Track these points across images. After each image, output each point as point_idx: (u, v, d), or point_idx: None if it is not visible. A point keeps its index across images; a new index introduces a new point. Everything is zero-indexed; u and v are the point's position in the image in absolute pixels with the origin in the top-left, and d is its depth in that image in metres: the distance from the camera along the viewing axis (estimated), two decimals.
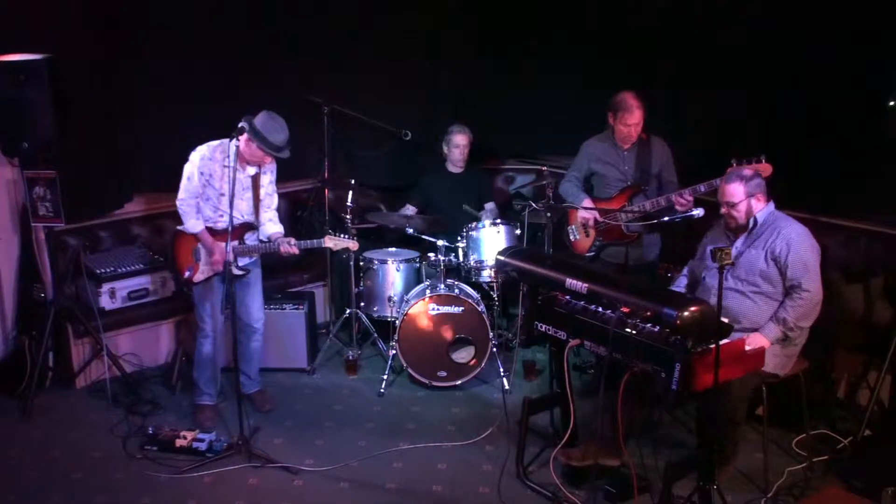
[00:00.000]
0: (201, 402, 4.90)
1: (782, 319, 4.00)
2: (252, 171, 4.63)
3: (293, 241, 4.60)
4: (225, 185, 4.52)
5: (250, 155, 4.50)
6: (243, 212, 4.66)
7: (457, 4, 6.46)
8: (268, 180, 4.72)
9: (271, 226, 4.76)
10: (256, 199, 4.68)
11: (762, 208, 4.11)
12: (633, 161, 5.00)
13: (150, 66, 5.43)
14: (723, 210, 4.17)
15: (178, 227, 4.71)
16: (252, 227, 4.70)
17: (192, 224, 4.63)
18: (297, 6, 5.88)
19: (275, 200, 4.80)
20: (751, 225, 4.13)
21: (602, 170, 5.07)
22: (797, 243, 4.01)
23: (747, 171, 4.12)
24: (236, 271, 4.63)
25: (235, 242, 4.62)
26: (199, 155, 4.57)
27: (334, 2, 6.05)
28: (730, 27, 5.41)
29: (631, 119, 4.88)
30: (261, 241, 4.72)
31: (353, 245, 4.74)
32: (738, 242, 4.17)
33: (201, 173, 4.56)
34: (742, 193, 4.08)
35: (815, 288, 4.02)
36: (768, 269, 4.06)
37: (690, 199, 4.62)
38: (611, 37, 6.03)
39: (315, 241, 4.65)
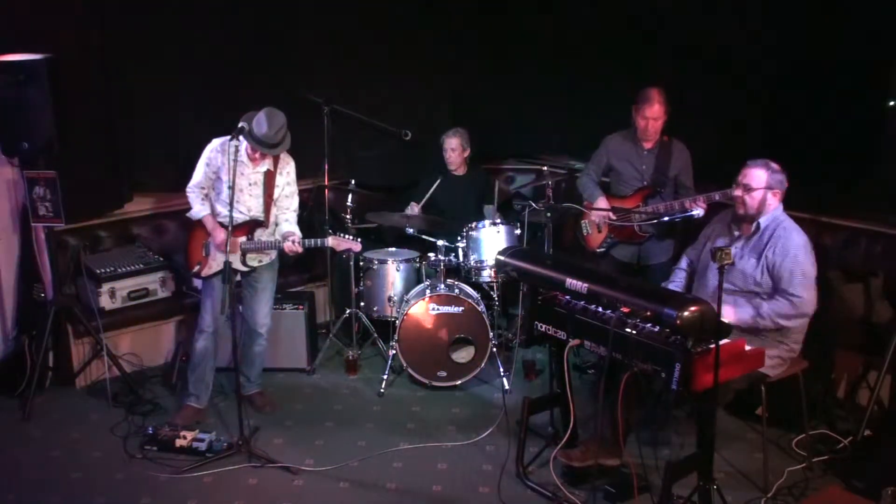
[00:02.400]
0: (187, 402, 4.85)
1: (757, 304, 3.99)
2: (263, 168, 4.62)
3: (297, 239, 4.60)
4: (233, 180, 4.54)
5: (251, 150, 4.52)
6: (251, 208, 4.65)
7: (457, 4, 6.46)
8: (284, 181, 4.68)
9: (286, 225, 4.73)
10: (268, 197, 4.65)
11: (773, 208, 4.08)
12: (652, 161, 5.00)
13: (150, 66, 5.43)
14: (737, 192, 4.10)
15: (187, 214, 4.75)
16: (261, 224, 4.67)
17: (197, 210, 4.68)
18: (297, 6, 5.88)
19: (293, 202, 4.77)
20: (753, 228, 4.11)
21: (620, 166, 5.08)
22: (795, 256, 3.97)
23: (775, 164, 4.08)
24: (241, 267, 4.64)
25: (243, 238, 4.62)
26: (209, 147, 4.63)
27: (335, 2, 6.05)
28: (730, 27, 5.42)
29: (649, 111, 4.87)
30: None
31: (356, 246, 4.73)
32: (738, 245, 4.14)
33: (207, 165, 4.62)
34: (763, 181, 4.03)
35: (808, 297, 3.96)
36: (761, 279, 4.04)
37: (704, 206, 4.59)
38: (611, 37, 6.04)
39: (319, 239, 4.66)
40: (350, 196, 5.40)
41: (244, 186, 4.59)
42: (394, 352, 5.26)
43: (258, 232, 4.68)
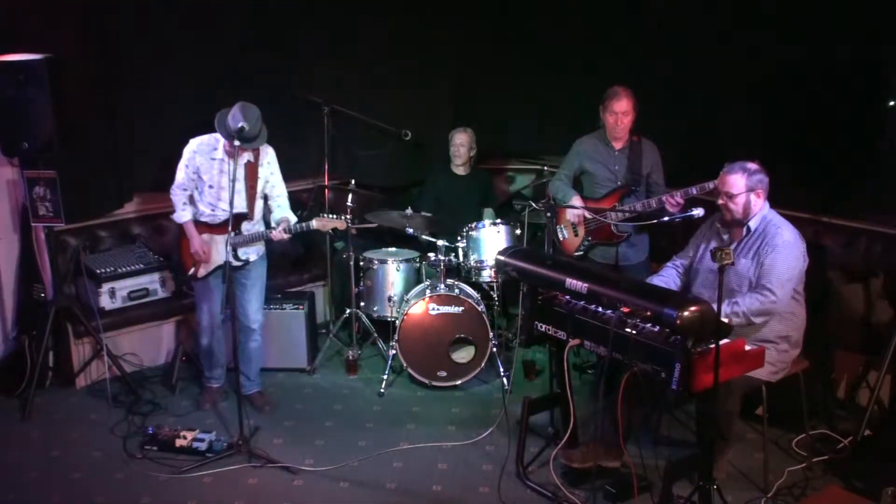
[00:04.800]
0: (208, 384, 5.04)
1: (734, 302, 3.92)
2: (243, 161, 4.62)
3: (285, 226, 4.64)
4: (214, 178, 4.62)
5: (227, 146, 4.55)
6: (236, 203, 4.66)
7: (457, 4, 6.46)
8: (267, 171, 4.71)
9: (279, 212, 4.77)
10: (251, 190, 4.67)
11: (759, 208, 4.04)
12: (624, 162, 5.01)
13: (149, 65, 5.43)
14: (720, 201, 4.09)
15: (171, 217, 4.81)
16: (245, 217, 4.70)
17: (178, 215, 4.74)
18: (297, 6, 5.88)
19: (282, 189, 4.80)
20: (744, 233, 4.08)
21: (592, 168, 5.08)
22: (782, 252, 3.92)
23: (752, 165, 4.04)
24: (233, 262, 4.67)
25: (231, 234, 4.65)
26: (187, 149, 4.67)
27: (335, 2, 6.06)
28: (729, 27, 5.42)
29: (618, 105, 4.88)
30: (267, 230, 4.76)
31: (342, 224, 4.76)
32: (731, 247, 4.10)
33: (186, 166, 4.66)
34: (743, 186, 4.00)
35: (782, 296, 3.89)
36: (755, 282, 3.99)
37: (682, 201, 4.60)
38: (610, 37, 6.04)
39: (304, 224, 4.70)
40: (350, 196, 5.40)
41: (226, 184, 4.62)
42: (394, 352, 5.26)
43: (244, 225, 4.71)
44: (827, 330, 4.68)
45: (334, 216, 4.74)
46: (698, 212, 4.44)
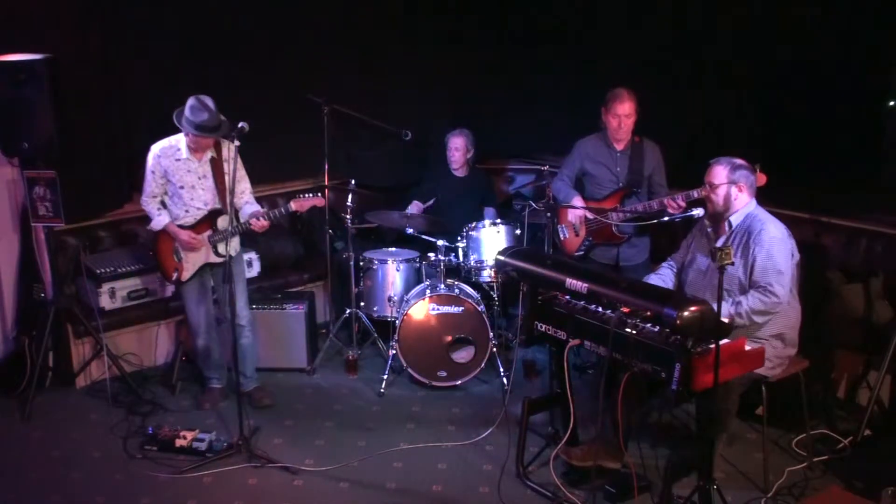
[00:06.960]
0: (209, 385, 5.06)
1: (738, 303, 3.91)
2: (208, 157, 4.65)
3: (261, 214, 4.64)
4: (182, 178, 4.64)
5: (193, 142, 4.56)
6: (207, 201, 4.70)
7: (457, 4, 6.47)
8: (231, 167, 4.68)
9: (249, 207, 4.78)
10: (220, 184, 4.68)
11: (744, 205, 4.04)
12: (625, 163, 5.00)
13: (149, 65, 5.44)
14: (703, 192, 4.14)
15: (147, 227, 4.83)
16: (219, 213, 4.72)
17: (156, 222, 4.75)
18: (297, 6, 5.88)
19: (247, 183, 4.81)
20: (727, 229, 4.09)
21: (594, 170, 5.07)
22: (773, 249, 3.91)
23: (739, 160, 4.06)
24: (214, 259, 4.70)
25: (209, 232, 4.70)
26: (150, 155, 4.69)
27: (335, 2, 6.05)
28: (730, 27, 5.42)
29: (621, 108, 4.86)
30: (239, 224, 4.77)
31: (320, 201, 4.76)
32: (719, 244, 4.11)
33: (153, 172, 4.68)
34: (724, 177, 4.02)
35: (783, 294, 3.90)
36: (745, 280, 3.99)
37: (683, 203, 4.60)
38: (610, 37, 6.04)
39: (282, 207, 4.71)
40: (350, 196, 5.40)
41: (195, 182, 4.64)
42: (394, 352, 5.26)
43: (219, 221, 4.73)
44: (827, 330, 4.68)
45: (310, 195, 4.73)
46: (698, 212, 4.43)
